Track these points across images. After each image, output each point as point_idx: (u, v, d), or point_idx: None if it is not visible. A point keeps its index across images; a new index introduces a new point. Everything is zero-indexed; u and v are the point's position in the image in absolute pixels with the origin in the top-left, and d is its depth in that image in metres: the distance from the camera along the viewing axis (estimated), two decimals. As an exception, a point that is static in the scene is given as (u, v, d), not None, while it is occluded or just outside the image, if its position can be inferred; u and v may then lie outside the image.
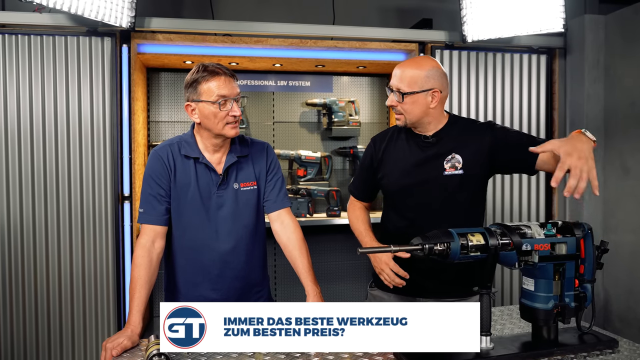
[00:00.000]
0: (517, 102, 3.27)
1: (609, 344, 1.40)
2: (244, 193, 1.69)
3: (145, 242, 1.61)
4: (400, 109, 1.69)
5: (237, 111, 1.59)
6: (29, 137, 2.65)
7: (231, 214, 1.66)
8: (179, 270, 1.70)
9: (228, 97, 1.57)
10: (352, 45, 3.01)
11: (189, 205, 1.65)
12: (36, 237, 2.66)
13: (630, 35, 3.12)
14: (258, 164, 1.73)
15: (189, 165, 1.65)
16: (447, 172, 1.70)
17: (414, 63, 1.70)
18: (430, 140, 1.74)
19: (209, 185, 1.65)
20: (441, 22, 3.32)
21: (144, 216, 1.64)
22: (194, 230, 1.66)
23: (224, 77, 1.58)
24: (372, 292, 1.93)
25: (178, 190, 1.65)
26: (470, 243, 1.30)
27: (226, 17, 3.18)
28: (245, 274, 1.71)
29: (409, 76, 1.66)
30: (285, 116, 3.44)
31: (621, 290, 3.23)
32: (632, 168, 3.13)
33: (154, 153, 1.67)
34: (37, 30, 2.65)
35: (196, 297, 1.67)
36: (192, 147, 1.66)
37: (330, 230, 3.27)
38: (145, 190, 1.65)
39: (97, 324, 2.73)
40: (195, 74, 1.59)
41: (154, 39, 2.78)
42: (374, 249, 1.57)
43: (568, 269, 1.38)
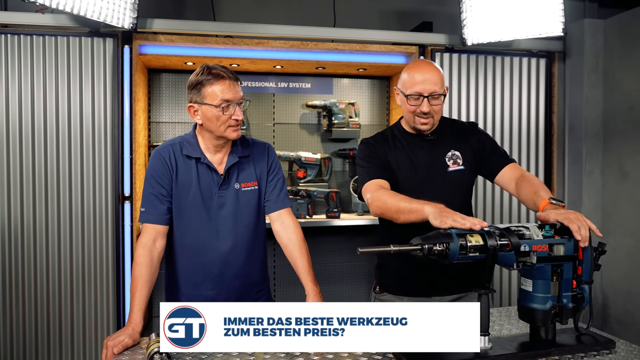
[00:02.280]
0: (517, 106, 3.28)
1: (606, 345, 1.41)
2: (245, 193, 1.70)
3: (147, 241, 1.61)
4: (431, 112, 1.72)
5: (239, 115, 1.60)
6: (31, 137, 2.66)
7: (232, 214, 1.67)
8: (179, 270, 1.71)
9: (231, 101, 1.58)
10: (352, 47, 3.03)
11: (190, 205, 1.66)
12: (36, 236, 2.66)
13: (629, 39, 3.14)
14: (259, 164, 1.74)
15: (190, 166, 1.66)
16: (451, 169, 1.77)
17: (431, 66, 1.75)
18: (432, 138, 1.80)
19: (210, 186, 1.66)
20: (441, 25, 3.34)
21: (145, 215, 1.65)
22: (194, 230, 1.67)
23: (228, 81, 1.58)
24: (380, 297, 1.87)
25: (179, 190, 1.66)
26: (469, 244, 1.31)
27: (227, 19, 3.19)
28: (245, 274, 1.72)
29: (438, 78, 1.72)
30: (286, 118, 3.45)
31: (619, 293, 3.24)
32: (630, 172, 3.15)
33: (156, 153, 1.68)
34: (39, 30, 2.66)
35: (197, 296, 1.68)
36: (194, 148, 1.67)
37: (330, 231, 3.29)
38: (147, 190, 1.66)
39: (96, 324, 2.73)
40: (200, 75, 1.59)
41: (155, 40, 2.80)
42: (374, 249, 1.58)
43: (566, 270, 1.39)
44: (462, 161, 1.78)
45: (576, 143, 3.36)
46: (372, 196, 1.66)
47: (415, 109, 1.73)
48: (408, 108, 1.75)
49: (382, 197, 1.62)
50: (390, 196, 1.60)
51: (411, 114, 1.75)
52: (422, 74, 1.71)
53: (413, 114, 1.74)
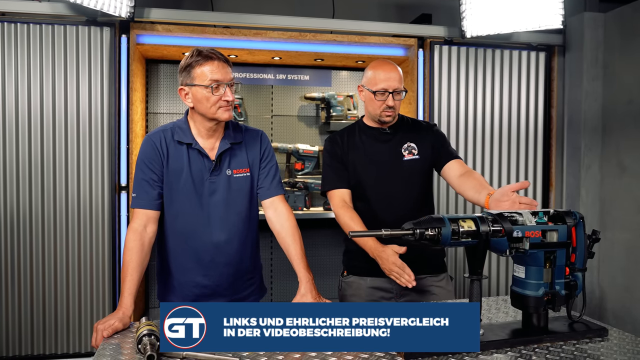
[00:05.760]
0: (515, 99, 3.27)
1: (598, 333, 1.40)
2: (237, 180, 1.69)
3: (138, 227, 1.61)
4: (396, 107, 1.92)
5: (229, 96, 1.59)
6: (27, 126, 2.65)
7: (224, 201, 1.67)
8: (171, 256, 1.71)
9: (221, 81, 1.58)
10: (351, 39, 3.02)
11: (182, 191, 1.65)
12: (33, 225, 2.66)
13: (629, 33, 3.12)
14: (252, 151, 1.73)
15: (182, 151, 1.65)
16: (406, 158, 1.95)
17: (393, 65, 1.93)
18: (389, 132, 1.98)
19: (201, 172, 1.66)
20: (441, 17, 3.33)
21: (137, 200, 1.65)
22: (186, 216, 1.66)
23: (217, 61, 1.58)
24: (345, 280, 2.02)
25: (171, 176, 1.65)
26: (462, 229, 1.30)
27: (226, 9, 3.18)
28: (237, 261, 1.71)
29: (399, 76, 1.92)
30: (284, 110, 3.45)
31: (616, 287, 3.23)
32: (629, 166, 3.13)
33: (147, 138, 1.68)
34: (36, 19, 2.65)
35: (187, 282, 1.68)
36: (185, 133, 1.66)
37: (327, 223, 3.27)
38: (138, 175, 1.66)
39: (92, 312, 2.73)
40: (190, 58, 1.59)
41: (153, 29, 2.79)
42: (366, 232, 1.58)
43: (559, 256, 1.39)
44: (417, 151, 1.95)
45: (575, 137, 3.35)
46: (336, 212, 1.94)
47: (382, 104, 1.90)
48: (375, 103, 1.92)
49: (341, 219, 1.91)
50: (348, 220, 1.88)
51: (377, 108, 1.92)
52: (386, 73, 1.90)
53: (380, 109, 1.91)
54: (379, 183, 1.94)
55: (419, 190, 1.97)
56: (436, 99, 3.13)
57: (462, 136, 3.19)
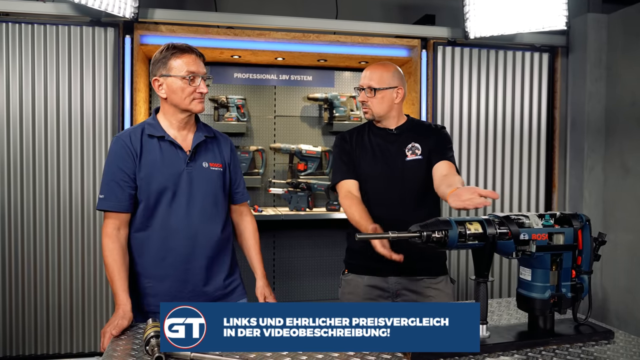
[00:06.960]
0: (519, 100, 3.27)
1: (604, 335, 1.40)
2: (213, 172, 1.72)
3: (111, 231, 1.61)
4: (369, 104, 1.96)
5: (204, 88, 1.64)
6: (31, 126, 2.66)
7: (200, 192, 1.68)
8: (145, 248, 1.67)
9: (197, 74, 1.63)
10: (354, 40, 3.02)
11: (158, 183, 1.64)
12: (36, 224, 2.67)
13: (633, 34, 3.12)
14: (224, 150, 1.79)
15: (154, 145, 1.66)
16: (409, 158, 1.97)
17: (381, 65, 1.99)
18: (395, 132, 2.00)
19: (177, 162, 1.66)
20: (444, 18, 3.32)
21: (104, 202, 1.62)
22: (162, 208, 1.65)
23: (194, 55, 1.64)
24: (345, 277, 2.04)
25: (146, 169, 1.64)
26: (468, 231, 1.30)
27: (229, 10, 3.18)
28: (214, 255, 1.71)
29: (378, 75, 1.95)
30: (287, 110, 3.45)
31: (619, 289, 3.23)
32: (633, 167, 3.13)
33: (116, 139, 1.67)
34: (40, 19, 2.66)
35: (161, 275, 1.66)
36: (155, 127, 1.67)
37: (329, 224, 3.28)
38: (107, 176, 1.64)
39: (96, 312, 2.74)
40: (165, 51, 1.64)
41: (156, 30, 2.79)
42: (373, 235, 1.58)
43: (565, 259, 1.39)
44: (421, 152, 1.96)
45: (578, 138, 3.35)
46: (341, 203, 1.97)
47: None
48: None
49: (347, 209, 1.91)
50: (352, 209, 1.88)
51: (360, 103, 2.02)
52: (367, 71, 1.97)
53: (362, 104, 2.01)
54: (381, 181, 1.97)
55: (420, 191, 1.98)
56: (439, 99, 3.13)
57: (465, 137, 3.19)
